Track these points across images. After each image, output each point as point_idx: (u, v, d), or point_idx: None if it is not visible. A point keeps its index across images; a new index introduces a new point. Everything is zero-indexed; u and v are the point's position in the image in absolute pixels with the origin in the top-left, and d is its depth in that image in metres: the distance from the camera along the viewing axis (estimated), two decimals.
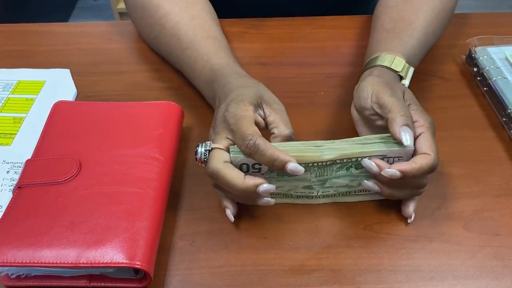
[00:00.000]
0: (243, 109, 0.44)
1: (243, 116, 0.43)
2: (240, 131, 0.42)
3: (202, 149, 0.43)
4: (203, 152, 0.43)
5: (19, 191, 0.44)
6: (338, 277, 0.42)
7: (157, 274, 0.42)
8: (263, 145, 0.41)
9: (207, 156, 0.43)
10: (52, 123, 0.50)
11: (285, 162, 0.41)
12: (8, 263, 0.39)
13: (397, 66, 0.51)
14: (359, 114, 0.50)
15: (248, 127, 0.42)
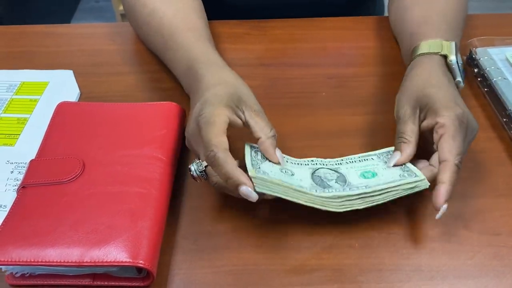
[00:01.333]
0: (216, 114, 0.43)
1: (214, 122, 0.42)
2: (205, 139, 0.42)
3: (195, 167, 0.44)
4: (198, 170, 0.44)
5: (23, 191, 0.44)
6: (339, 276, 0.42)
7: (160, 273, 0.42)
8: (223, 160, 0.40)
9: (204, 174, 0.44)
10: (56, 123, 0.51)
11: (238, 184, 0.40)
12: (13, 262, 0.39)
13: (436, 48, 0.51)
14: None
15: (214, 136, 0.41)
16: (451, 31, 0.55)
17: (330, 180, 0.45)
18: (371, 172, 0.46)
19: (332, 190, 0.43)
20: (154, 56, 0.65)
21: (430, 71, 0.49)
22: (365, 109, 0.58)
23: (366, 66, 0.64)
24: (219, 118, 0.43)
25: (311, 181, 0.44)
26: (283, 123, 0.56)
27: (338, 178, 0.45)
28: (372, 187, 0.43)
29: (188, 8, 0.59)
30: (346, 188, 0.43)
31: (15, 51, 0.66)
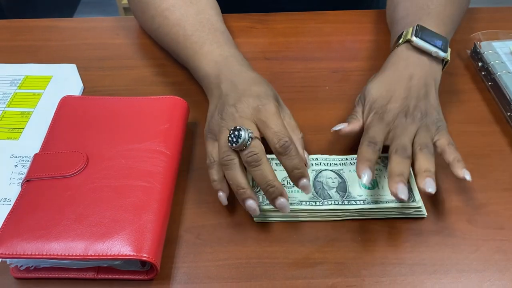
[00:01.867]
0: (276, 106, 0.45)
1: (279, 115, 0.45)
2: (279, 127, 0.43)
3: (246, 136, 0.42)
4: (247, 139, 0.42)
5: (28, 184, 0.44)
6: (343, 270, 0.42)
7: (163, 266, 0.42)
8: (296, 151, 0.43)
9: (248, 143, 0.42)
10: (59, 117, 0.51)
11: (299, 176, 0.43)
12: (17, 255, 0.39)
13: (399, 39, 0.52)
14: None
15: (285, 128, 0.44)
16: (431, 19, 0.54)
17: (331, 188, 0.46)
18: (372, 180, 0.46)
19: (331, 202, 0.45)
20: (158, 50, 0.65)
21: (383, 67, 0.52)
22: None
23: (370, 60, 0.64)
24: (280, 114, 0.45)
25: (312, 189, 0.46)
26: None
27: (339, 185, 0.46)
28: (370, 204, 0.45)
29: (210, 8, 0.58)
30: (345, 201, 0.45)
31: (19, 45, 0.66)
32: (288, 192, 0.45)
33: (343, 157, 0.49)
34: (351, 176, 0.47)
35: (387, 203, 0.44)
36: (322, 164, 0.48)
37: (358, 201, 0.45)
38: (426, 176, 0.43)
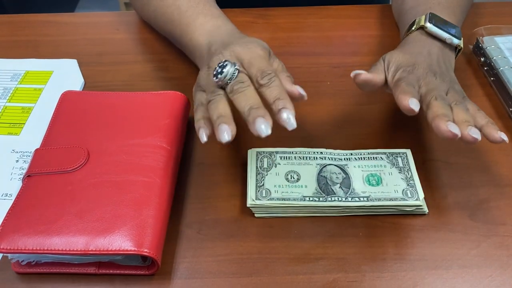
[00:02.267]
0: (264, 50, 0.44)
1: (265, 56, 0.44)
2: (263, 63, 0.42)
3: (232, 68, 0.41)
4: (232, 73, 0.41)
5: (28, 180, 0.44)
6: (344, 265, 0.42)
7: (164, 261, 0.42)
8: (279, 83, 0.40)
9: (235, 76, 0.41)
10: (60, 112, 0.51)
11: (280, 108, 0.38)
12: (19, 250, 0.39)
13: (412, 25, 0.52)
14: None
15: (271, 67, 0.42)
16: (438, 6, 0.54)
17: (335, 184, 0.46)
18: (377, 176, 0.46)
19: (335, 199, 0.44)
20: (159, 45, 0.65)
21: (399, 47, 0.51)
22: (371, 98, 0.57)
23: (371, 55, 0.64)
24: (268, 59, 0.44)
25: (315, 184, 0.46)
26: None
27: (344, 181, 0.46)
28: (373, 201, 0.44)
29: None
30: (349, 198, 0.45)
31: (19, 40, 0.66)
32: (291, 188, 0.45)
33: (348, 152, 0.49)
34: (355, 171, 0.47)
35: (390, 201, 0.44)
36: (326, 158, 0.48)
37: (362, 198, 0.45)
38: (468, 125, 0.41)
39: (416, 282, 0.41)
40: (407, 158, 0.48)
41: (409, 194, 0.45)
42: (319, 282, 0.41)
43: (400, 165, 0.47)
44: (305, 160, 0.47)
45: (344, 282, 0.41)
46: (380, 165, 0.47)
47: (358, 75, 0.45)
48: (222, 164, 0.50)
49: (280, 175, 0.46)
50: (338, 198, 0.45)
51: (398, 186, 0.45)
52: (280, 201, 0.44)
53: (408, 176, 0.46)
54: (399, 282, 0.41)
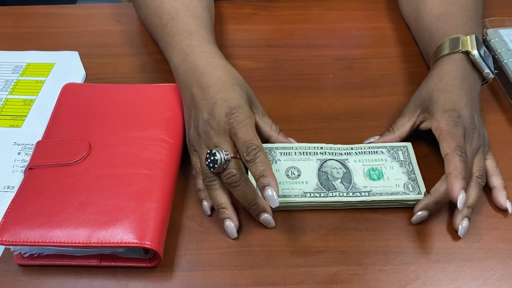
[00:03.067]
0: (249, 116, 0.44)
1: (250, 124, 0.44)
2: (246, 137, 0.42)
3: (223, 155, 0.42)
4: (223, 161, 0.42)
5: (30, 172, 0.44)
6: (345, 258, 0.42)
7: (166, 254, 0.42)
8: (265, 157, 0.41)
9: (225, 164, 0.42)
10: (62, 105, 0.51)
11: (265, 185, 0.40)
12: (21, 242, 0.39)
13: (456, 46, 0.50)
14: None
15: (255, 137, 0.43)
16: (471, 20, 0.54)
17: (336, 179, 0.46)
18: (377, 170, 0.46)
19: (336, 194, 0.44)
20: None
21: (443, 74, 0.49)
22: (373, 91, 0.57)
23: (374, 47, 0.63)
24: (252, 120, 0.45)
25: (316, 180, 0.46)
26: (290, 105, 0.55)
27: (344, 176, 0.46)
28: (374, 195, 0.44)
29: None
30: (350, 193, 0.44)
31: (21, 32, 0.66)
32: (292, 184, 0.45)
33: (348, 146, 0.48)
34: (356, 166, 0.47)
35: (392, 195, 0.44)
36: (326, 153, 0.48)
37: (363, 193, 0.44)
38: (465, 216, 0.43)
39: (418, 275, 0.41)
40: (407, 151, 0.48)
41: (410, 188, 0.45)
42: (320, 275, 0.41)
43: (401, 158, 0.47)
44: (305, 156, 0.47)
45: (346, 275, 0.41)
46: (380, 159, 0.47)
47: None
48: None
49: (280, 171, 0.46)
50: (339, 194, 0.44)
51: (399, 180, 0.45)
52: (281, 198, 0.44)
53: (409, 170, 0.46)
54: (401, 275, 0.41)
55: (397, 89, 0.57)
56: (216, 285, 0.40)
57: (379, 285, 0.40)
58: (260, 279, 0.41)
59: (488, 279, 0.41)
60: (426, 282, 0.41)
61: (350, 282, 0.41)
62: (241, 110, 0.44)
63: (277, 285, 0.40)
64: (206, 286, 0.40)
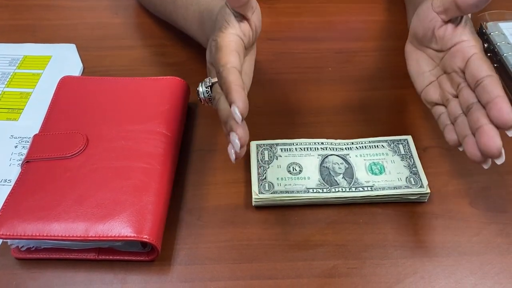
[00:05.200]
0: (222, 37, 0.40)
1: (221, 45, 0.40)
2: (215, 62, 0.39)
3: (203, 87, 0.41)
4: (205, 91, 0.41)
5: (27, 165, 0.44)
6: (343, 252, 0.42)
7: (164, 247, 0.42)
8: (226, 73, 0.37)
9: (210, 94, 0.41)
10: (59, 98, 0.50)
11: (232, 101, 0.36)
12: (18, 236, 0.39)
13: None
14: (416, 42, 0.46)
15: (223, 56, 0.39)
16: None
17: (338, 174, 0.45)
18: (379, 165, 0.46)
19: (339, 189, 0.44)
20: (158, 30, 0.64)
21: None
22: (372, 84, 0.57)
23: (374, 40, 0.63)
24: (228, 38, 0.40)
25: (318, 176, 0.45)
26: (289, 98, 0.55)
27: (346, 171, 0.46)
28: (377, 190, 0.44)
29: None
30: (352, 188, 0.44)
31: (17, 24, 0.65)
32: (295, 179, 0.45)
33: (349, 141, 0.48)
34: (358, 161, 0.46)
35: (395, 189, 0.44)
36: (327, 148, 0.48)
37: (366, 188, 0.44)
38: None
39: (416, 269, 0.41)
40: (408, 145, 0.48)
41: (412, 182, 0.45)
42: (319, 269, 0.41)
43: (402, 152, 0.47)
44: (306, 151, 0.47)
45: (344, 269, 0.41)
46: (382, 153, 0.47)
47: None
48: (221, 151, 0.50)
49: (282, 167, 0.46)
50: (342, 189, 0.44)
51: (401, 174, 0.45)
52: (284, 194, 0.44)
53: (410, 163, 0.46)
54: (399, 269, 0.41)
55: (396, 82, 0.57)
56: (214, 279, 0.40)
57: (377, 279, 0.40)
58: (258, 273, 0.41)
59: (486, 273, 0.41)
60: (424, 276, 0.41)
61: (348, 275, 0.41)
62: (218, 34, 0.41)
63: (275, 278, 0.40)
64: (204, 279, 0.40)
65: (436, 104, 0.44)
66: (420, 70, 0.45)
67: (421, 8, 0.45)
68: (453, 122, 0.41)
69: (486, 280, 0.40)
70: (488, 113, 0.37)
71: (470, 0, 0.38)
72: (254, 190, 0.44)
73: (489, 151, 0.36)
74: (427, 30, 0.44)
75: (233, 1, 0.40)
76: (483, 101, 0.38)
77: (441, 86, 0.43)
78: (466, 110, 0.40)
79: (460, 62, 0.40)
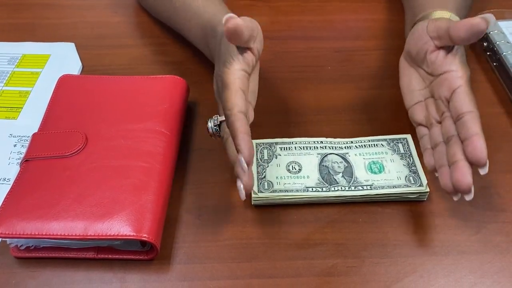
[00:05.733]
0: (228, 73, 0.41)
1: (228, 83, 0.40)
2: (222, 101, 0.40)
3: (211, 124, 0.43)
4: (214, 128, 0.43)
5: (26, 164, 0.44)
6: (343, 251, 0.42)
7: (163, 246, 0.42)
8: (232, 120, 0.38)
9: (218, 131, 0.43)
10: (58, 97, 0.50)
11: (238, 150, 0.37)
12: (17, 234, 0.39)
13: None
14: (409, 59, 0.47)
15: (229, 97, 0.39)
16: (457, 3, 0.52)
17: (337, 173, 0.45)
18: (378, 164, 0.46)
19: (338, 188, 0.44)
20: (158, 29, 0.64)
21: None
22: (372, 83, 0.57)
23: (373, 39, 0.63)
24: (233, 76, 0.41)
25: (318, 175, 0.45)
26: (288, 97, 0.55)
27: (346, 170, 0.46)
28: (376, 189, 0.44)
29: None
30: (352, 187, 0.44)
31: (17, 22, 0.65)
32: (294, 178, 0.45)
33: (348, 140, 0.48)
34: (357, 160, 0.46)
35: (394, 188, 0.44)
36: (327, 147, 0.48)
37: (365, 187, 0.44)
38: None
39: (416, 267, 0.41)
40: (407, 144, 0.48)
41: (412, 181, 0.45)
42: (318, 267, 0.41)
43: (401, 151, 0.47)
44: (306, 150, 0.47)
45: (343, 268, 0.41)
46: (381, 152, 0.47)
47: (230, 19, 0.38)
48: (221, 150, 0.50)
49: (281, 166, 0.46)
50: (341, 188, 0.44)
51: (400, 173, 0.45)
52: (283, 193, 0.44)
53: (410, 162, 0.46)
54: (398, 268, 0.41)
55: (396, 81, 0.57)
56: (213, 278, 0.40)
57: (376, 278, 0.40)
58: (258, 272, 0.41)
59: (486, 272, 0.41)
60: (424, 275, 0.41)
61: (347, 274, 0.41)
62: (222, 69, 0.41)
63: (275, 277, 0.40)
64: (203, 279, 0.40)
65: (420, 125, 0.45)
66: (410, 87, 0.47)
67: (417, 28, 0.46)
68: (433, 147, 0.43)
69: (485, 279, 0.40)
70: (464, 149, 0.39)
71: (462, 34, 0.40)
72: (253, 189, 0.44)
73: (459, 187, 0.39)
74: (420, 51, 0.45)
75: (234, 42, 0.40)
76: (461, 136, 0.39)
77: (427, 109, 0.45)
78: (446, 140, 0.42)
79: (446, 92, 0.42)
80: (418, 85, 0.46)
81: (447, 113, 0.42)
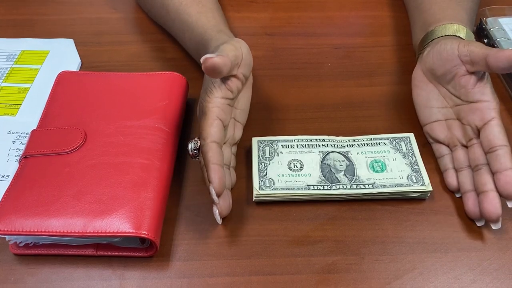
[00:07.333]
0: (207, 101, 0.42)
1: (206, 111, 0.42)
2: (200, 129, 0.42)
3: (191, 146, 0.44)
4: (193, 150, 0.43)
5: (25, 161, 0.44)
6: (342, 248, 0.42)
7: (163, 243, 0.42)
8: (205, 151, 0.40)
9: (198, 154, 0.43)
10: (57, 93, 0.50)
11: (209, 180, 0.40)
12: (16, 231, 0.39)
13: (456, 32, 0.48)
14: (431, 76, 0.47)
15: (205, 126, 0.41)
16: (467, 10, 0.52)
17: (339, 172, 0.45)
18: (380, 162, 0.46)
19: (340, 187, 0.44)
20: (157, 26, 0.64)
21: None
22: (371, 80, 0.57)
23: (373, 36, 0.63)
24: (212, 104, 0.42)
25: (319, 173, 0.45)
26: (288, 94, 0.55)
27: (347, 168, 0.45)
28: (378, 187, 0.44)
29: None
30: (353, 185, 0.44)
31: (15, 19, 0.65)
32: (296, 176, 0.45)
33: (350, 138, 0.48)
34: (359, 158, 0.46)
35: (396, 187, 0.44)
36: (329, 145, 0.47)
37: (367, 185, 0.44)
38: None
39: (415, 265, 0.41)
40: (410, 142, 0.47)
41: (414, 180, 0.44)
42: (317, 264, 0.41)
43: (404, 150, 0.47)
44: (308, 148, 0.47)
45: (343, 265, 0.41)
46: (383, 150, 0.47)
47: (207, 59, 0.39)
48: None
49: (282, 164, 0.46)
50: (343, 186, 0.44)
51: (403, 172, 0.45)
52: (285, 190, 0.44)
53: (412, 161, 0.46)
54: (398, 265, 0.41)
55: (396, 78, 0.57)
56: (213, 275, 0.40)
57: (376, 275, 0.40)
58: (257, 269, 0.41)
59: (485, 269, 0.41)
60: (423, 272, 0.41)
61: (347, 271, 0.41)
62: (203, 95, 0.43)
63: (274, 274, 0.40)
64: (202, 275, 0.40)
65: (439, 142, 0.45)
66: (428, 104, 0.47)
67: (445, 48, 0.45)
68: (457, 169, 0.45)
69: (485, 276, 0.40)
70: (495, 182, 0.41)
71: (502, 64, 0.40)
72: (254, 186, 0.44)
73: (489, 217, 0.41)
74: (448, 73, 0.45)
75: (214, 77, 0.41)
76: (493, 168, 0.41)
77: (450, 130, 0.45)
78: (474, 167, 0.43)
79: (478, 121, 0.43)
80: (437, 103, 0.47)
81: (475, 140, 0.44)
